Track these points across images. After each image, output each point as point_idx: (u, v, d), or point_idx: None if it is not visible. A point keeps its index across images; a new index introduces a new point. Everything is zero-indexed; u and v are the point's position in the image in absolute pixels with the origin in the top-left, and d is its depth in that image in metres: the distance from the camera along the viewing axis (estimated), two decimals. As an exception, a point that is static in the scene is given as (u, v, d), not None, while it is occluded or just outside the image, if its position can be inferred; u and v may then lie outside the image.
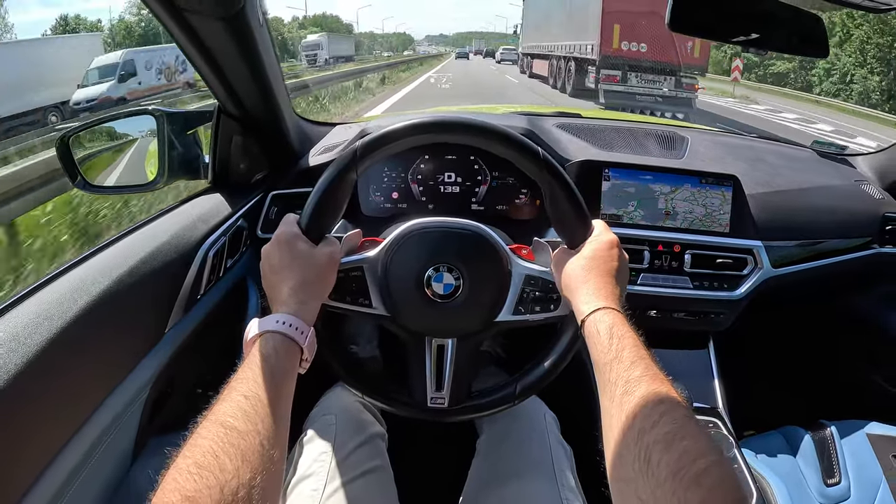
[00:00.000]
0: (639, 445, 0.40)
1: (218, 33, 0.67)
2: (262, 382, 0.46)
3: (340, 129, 1.13)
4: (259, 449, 0.41)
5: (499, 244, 0.65)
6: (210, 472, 0.38)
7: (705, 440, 0.39)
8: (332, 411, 0.78)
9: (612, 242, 0.60)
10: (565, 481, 0.70)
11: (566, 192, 0.60)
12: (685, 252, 0.92)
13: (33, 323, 0.52)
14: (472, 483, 0.74)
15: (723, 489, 0.36)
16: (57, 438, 0.53)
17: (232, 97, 0.81)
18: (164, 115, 0.86)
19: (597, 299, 0.54)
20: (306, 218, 0.59)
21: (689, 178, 0.94)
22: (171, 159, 0.86)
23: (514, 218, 0.95)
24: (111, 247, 0.68)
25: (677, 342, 0.98)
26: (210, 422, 0.42)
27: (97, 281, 0.60)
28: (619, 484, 0.41)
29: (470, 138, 0.62)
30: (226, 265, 0.84)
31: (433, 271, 0.63)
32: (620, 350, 0.48)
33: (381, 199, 0.94)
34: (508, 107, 1.42)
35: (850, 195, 1.08)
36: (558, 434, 0.79)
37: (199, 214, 0.80)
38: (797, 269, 0.98)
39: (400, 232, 0.64)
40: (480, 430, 0.81)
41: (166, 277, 0.70)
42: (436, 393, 0.66)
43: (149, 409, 0.68)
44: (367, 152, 0.60)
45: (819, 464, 0.86)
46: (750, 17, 0.74)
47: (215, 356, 0.87)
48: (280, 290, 0.56)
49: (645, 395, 0.43)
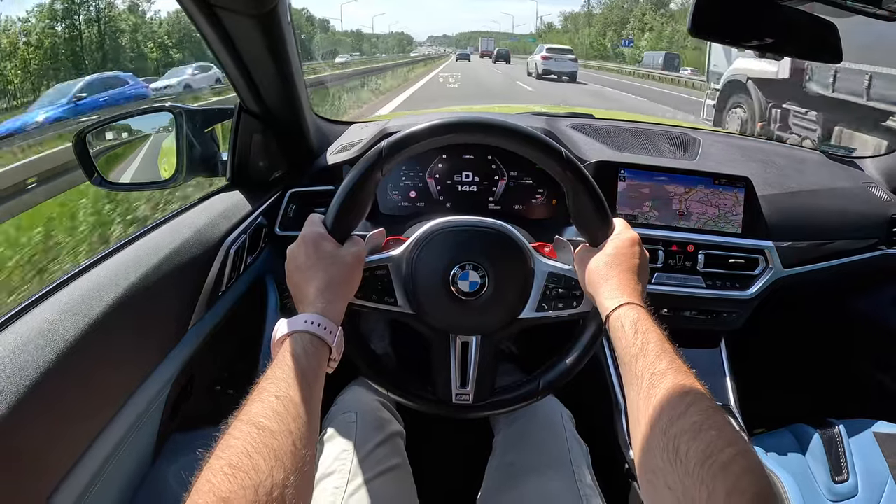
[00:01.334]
0: (667, 436, 0.40)
1: (248, 30, 0.67)
2: (293, 382, 0.46)
3: (356, 127, 1.13)
4: (292, 449, 0.41)
5: (522, 242, 0.66)
6: (244, 472, 0.38)
7: (731, 430, 0.40)
8: (351, 409, 0.78)
9: (634, 240, 0.61)
10: (583, 478, 0.71)
11: (589, 191, 0.61)
12: (699, 252, 0.93)
13: (59, 320, 0.51)
14: (489, 481, 0.74)
15: (750, 477, 0.37)
16: (84, 436, 0.53)
17: (255, 95, 0.82)
18: (183, 112, 0.86)
19: (621, 295, 0.55)
20: (331, 218, 0.60)
21: (703, 179, 0.95)
22: (190, 156, 0.86)
23: (531, 217, 0.95)
24: (135, 242, 0.68)
25: (690, 341, 0.99)
26: (242, 422, 0.42)
27: (123, 276, 0.60)
28: (648, 475, 0.41)
29: (494, 138, 0.63)
30: (246, 262, 0.84)
31: (459, 269, 0.63)
32: (646, 344, 0.48)
33: (399, 197, 0.95)
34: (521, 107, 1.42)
35: (858, 197, 1.09)
36: (574, 431, 0.80)
37: (220, 211, 0.80)
38: (807, 269, 0.99)
39: (425, 230, 0.65)
40: (497, 428, 0.82)
41: (191, 273, 0.70)
42: (460, 389, 0.67)
43: (170, 407, 0.68)
44: (392, 152, 0.60)
45: (827, 461, 0.88)
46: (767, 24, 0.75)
47: (234, 352, 0.88)
48: (307, 289, 0.56)
49: (671, 387, 0.44)
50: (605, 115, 1.31)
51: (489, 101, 11.11)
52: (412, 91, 13.40)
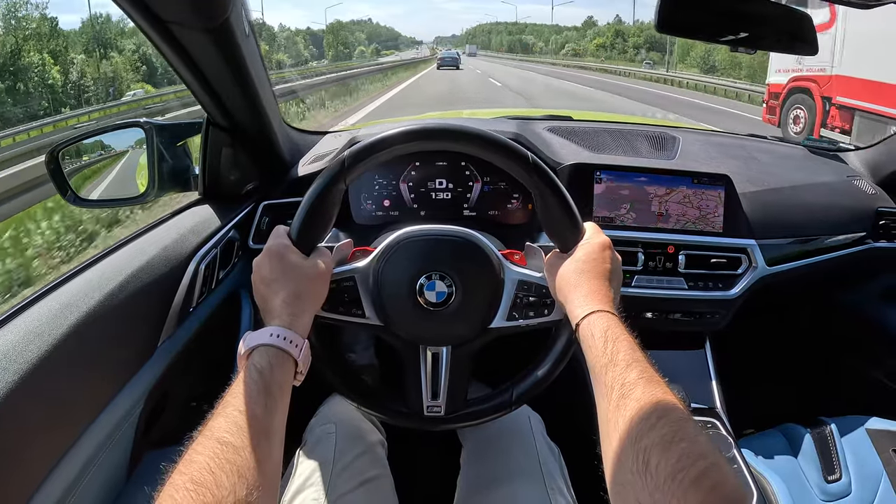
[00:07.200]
0: (636, 448, 0.39)
1: (203, 45, 0.66)
2: (257, 397, 0.46)
3: (330, 137, 1.13)
4: (255, 464, 0.41)
5: (490, 250, 0.65)
6: (206, 488, 0.38)
7: (703, 441, 0.39)
8: (331, 420, 0.78)
9: (605, 244, 0.59)
10: (554, 484, 0.70)
11: (556, 195, 0.60)
12: (679, 253, 0.92)
13: (23, 341, 0.51)
14: (460, 490, 0.74)
15: (721, 490, 0.36)
16: (51, 455, 0.52)
17: (220, 108, 0.81)
18: (154, 127, 0.86)
19: (590, 303, 0.53)
20: (296, 229, 0.59)
21: (683, 179, 0.94)
22: (161, 171, 0.86)
23: (507, 223, 0.95)
24: (101, 261, 0.68)
25: (674, 343, 0.98)
26: (205, 437, 0.42)
27: (88, 296, 0.60)
28: (618, 487, 0.41)
29: (457, 145, 0.62)
30: (218, 277, 0.84)
31: (425, 279, 0.62)
32: (615, 353, 0.47)
33: (372, 207, 0.94)
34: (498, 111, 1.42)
35: (842, 191, 1.08)
36: (544, 434, 0.78)
37: (190, 226, 0.80)
38: (792, 266, 0.98)
39: (391, 241, 0.64)
40: (466, 436, 0.81)
41: (158, 290, 0.70)
42: (432, 401, 0.65)
43: (143, 424, 0.68)
44: (355, 162, 0.60)
45: (819, 460, 0.86)
46: (738, 17, 0.74)
47: (209, 368, 0.87)
48: (272, 302, 0.55)
49: (641, 399, 0.43)
50: (583, 117, 1.30)
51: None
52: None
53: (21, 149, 8.28)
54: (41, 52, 21.31)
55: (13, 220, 3.51)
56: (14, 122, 15.90)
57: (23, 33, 21.65)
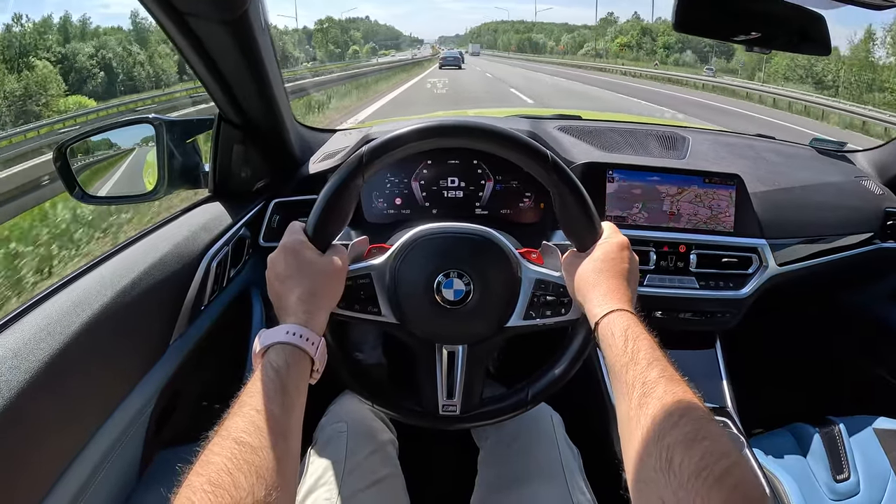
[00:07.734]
0: (659, 446, 0.39)
1: (220, 37, 0.65)
2: (274, 396, 0.45)
3: (341, 135, 1.12)
4: (273, 464, 0.41)
5: (509, 249, 0.64)
6: (225, 489, 0.37)
7: (725, 440, 0.39)
8: (342, 419, 0.77)
9: (623, 244, 0.59)
10: (575, 483, 0.70)
11: (576, 194, 0.60)
12: (690, 252, 0.92)
13: (35, 338, 0.51)
14: (480, 490, 0.73)
15: (743, 489, 0.37)
16: (62, 455, 0.52)
17: (233, 104, 0.80)
18: (163, 123, 0.85)
19: (609, 301, 0.53)
20: (312, 225, 0.58)
21: (694, 178, 0.94)
22: (171, 168, 0.85)
23: (519, 221, 0.94)
24: (113, 258, 0.67)
25: (684, 342, 0.98)
26: (222, 437, 0.42)
27: (100, 293, 0.59)
28: (640, 485, 0.41)
29: (476, 142, 0.61)
30: (229, 275, 0.83)
31: (443, 277, 0.62)
32: (636, 352, 0.47)
33: (384, 205, 0.93)
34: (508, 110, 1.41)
35: (851, 191, 1.08)
36: (565, 435, 0.78)
37: (201, 224, 0.79)
38: (801, 266, 0.98)
39: (408, 238, 0.64)
40: (485, 436, 0.80)
41: (170, 288, 0.69)
42: (447, 400, 0.65)
43: (154, 423, 0.68)
44: (373, 158, 0.59)
45: (828, 460, 0.87)
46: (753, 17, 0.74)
47: (220, 367, 0.86)
48: (288, 299, 0.55)
49: (663, 397, 0.43)
50: (592, 117, 1.30)
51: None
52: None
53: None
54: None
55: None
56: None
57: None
